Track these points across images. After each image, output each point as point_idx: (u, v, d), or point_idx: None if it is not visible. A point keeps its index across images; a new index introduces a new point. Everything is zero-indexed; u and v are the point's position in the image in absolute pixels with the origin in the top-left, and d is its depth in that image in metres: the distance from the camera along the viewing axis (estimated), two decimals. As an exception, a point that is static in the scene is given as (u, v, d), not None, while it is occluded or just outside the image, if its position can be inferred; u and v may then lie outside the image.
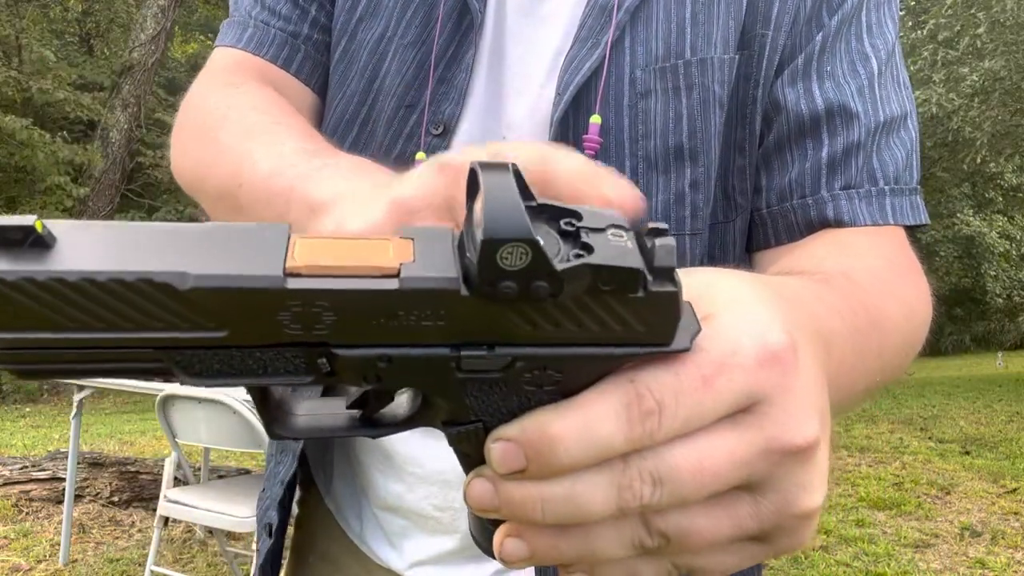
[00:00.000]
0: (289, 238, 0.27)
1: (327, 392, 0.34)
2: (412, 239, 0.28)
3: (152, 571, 3.20)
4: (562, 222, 0.29)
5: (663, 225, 0.28)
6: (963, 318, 26.00)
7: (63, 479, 4.25)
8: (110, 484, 4.64)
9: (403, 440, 0.74)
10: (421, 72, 0.70)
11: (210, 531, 3.90)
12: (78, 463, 4.11)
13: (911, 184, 0.70)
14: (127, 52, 13.15)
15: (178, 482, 3.38)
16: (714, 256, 0.70)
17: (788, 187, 0.70)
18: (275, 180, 0.51)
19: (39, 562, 3.85)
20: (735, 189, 0.70)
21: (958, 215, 23.17)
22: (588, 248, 0.27)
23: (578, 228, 0.28)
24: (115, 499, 4.62)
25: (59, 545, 3.88)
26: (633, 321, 0.28)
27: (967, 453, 6.81)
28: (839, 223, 0.68)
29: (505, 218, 0.26)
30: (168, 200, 14.32)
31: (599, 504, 0.29)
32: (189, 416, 3.18)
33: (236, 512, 2.92)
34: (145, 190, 14.50)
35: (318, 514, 0.85)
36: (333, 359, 0.28)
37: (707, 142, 0.67)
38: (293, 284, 0.26)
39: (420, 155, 0.69)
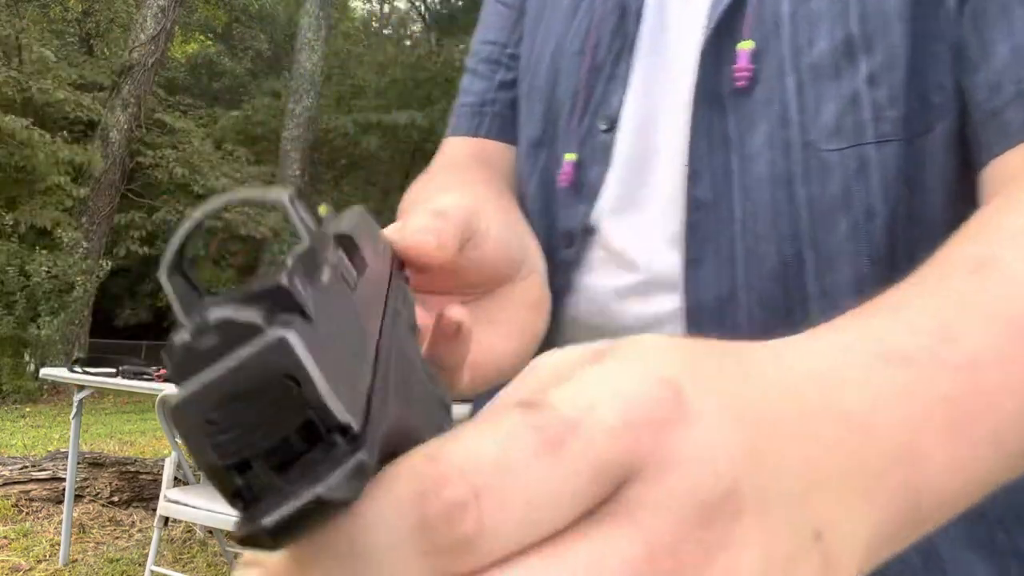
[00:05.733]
0: None
1: None
2: None
3: (152, 571, 3.20)
4: None
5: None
6: (963, 318, 26.04)
7: (63, 479, 4.24)
8: (110, 484, 4.64)
9: None
10: (587, 75, 0.68)
11: (210, 531, 3.90)
12: (78, 463, 4.10)
13: None
14: (127, 52, 13.15)
15: (178, 482, 3.37)
16: (911, 179, 0.53)
17: (1000, 73, 0.49)
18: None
19: (39, 562, 3.84)
20: (931, 85, 0.53)
21: (958, 215, 23.19)
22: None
23: None
24: (115, 499, 4.62)
25: (59, 545, 3.87)
26: None
27: (967, 453, 6.82)
28: None
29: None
30: (168, 200, 14.33)
31: None
32: (189, 416, 3.17)
33: (236, 512, 2.91)
34: (145, 190, 14.49)
35: None
36: None
37: (884, 24, 0.53)
38: None
39: (569, 156, 0.67)
